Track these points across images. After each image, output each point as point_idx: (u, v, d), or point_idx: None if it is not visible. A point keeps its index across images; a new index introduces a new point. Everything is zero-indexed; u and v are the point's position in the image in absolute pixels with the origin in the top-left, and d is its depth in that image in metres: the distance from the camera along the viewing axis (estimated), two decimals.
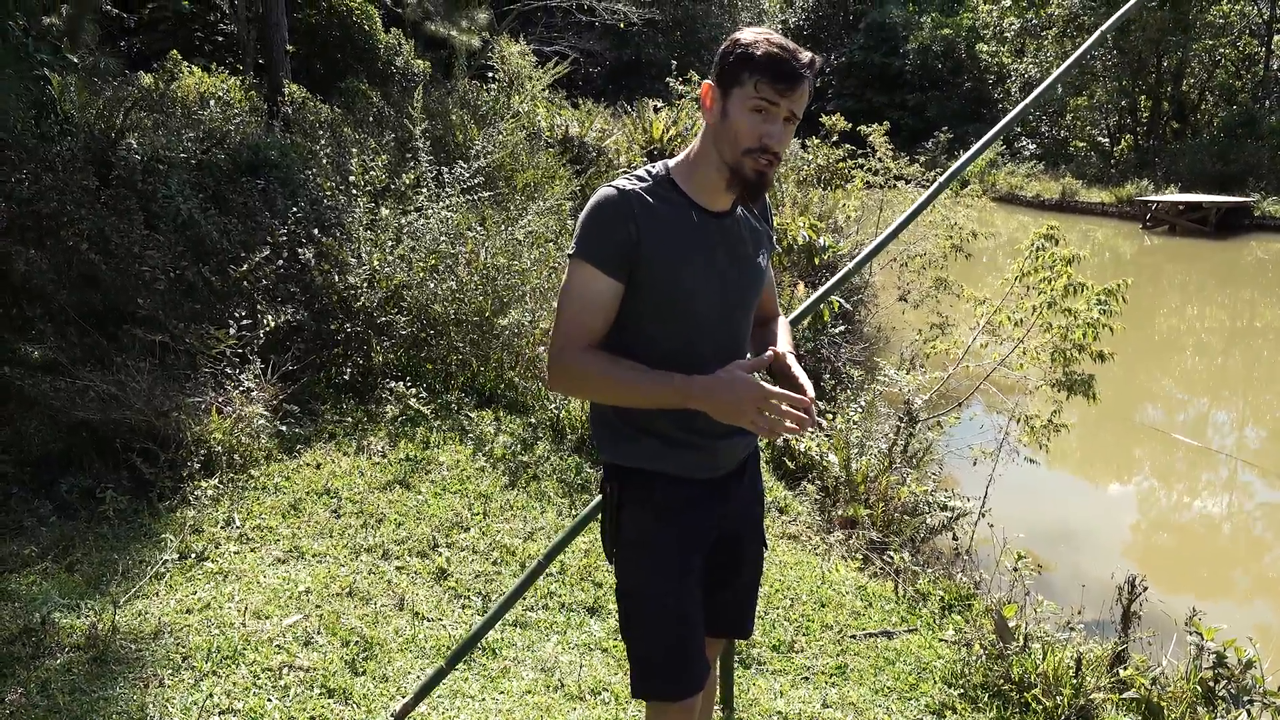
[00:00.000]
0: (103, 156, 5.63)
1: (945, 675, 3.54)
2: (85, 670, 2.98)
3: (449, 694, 3.11)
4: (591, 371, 1.92)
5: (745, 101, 1.90)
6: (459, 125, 9.88)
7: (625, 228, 1.93)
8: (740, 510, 2.22)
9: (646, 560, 2.09)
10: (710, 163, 1.98)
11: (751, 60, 1.90)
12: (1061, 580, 5.26)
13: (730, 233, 2.05)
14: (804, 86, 1.91)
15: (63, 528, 3.94)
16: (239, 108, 9.02)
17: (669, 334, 1.99)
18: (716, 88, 1.96)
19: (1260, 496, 7.79)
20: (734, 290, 2.05)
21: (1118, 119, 30.54)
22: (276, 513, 4.20)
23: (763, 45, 1.90)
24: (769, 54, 1.89)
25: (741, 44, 1.92)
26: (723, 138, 1.95)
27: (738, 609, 2.30)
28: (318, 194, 6.15)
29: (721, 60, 1.96)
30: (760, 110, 1.90)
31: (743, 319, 2.12)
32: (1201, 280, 18.11)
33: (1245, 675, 3.32)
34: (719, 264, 2.02)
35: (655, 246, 1.94)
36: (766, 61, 1.89)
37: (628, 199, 1.95)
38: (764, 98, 1.89)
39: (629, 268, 1.94)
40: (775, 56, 1.89)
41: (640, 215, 1.94)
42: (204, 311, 5.18)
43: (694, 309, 1.99)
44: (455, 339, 5.86)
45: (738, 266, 2.06)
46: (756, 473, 2.29)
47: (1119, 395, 8.99)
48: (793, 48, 1.91)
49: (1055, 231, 6.02)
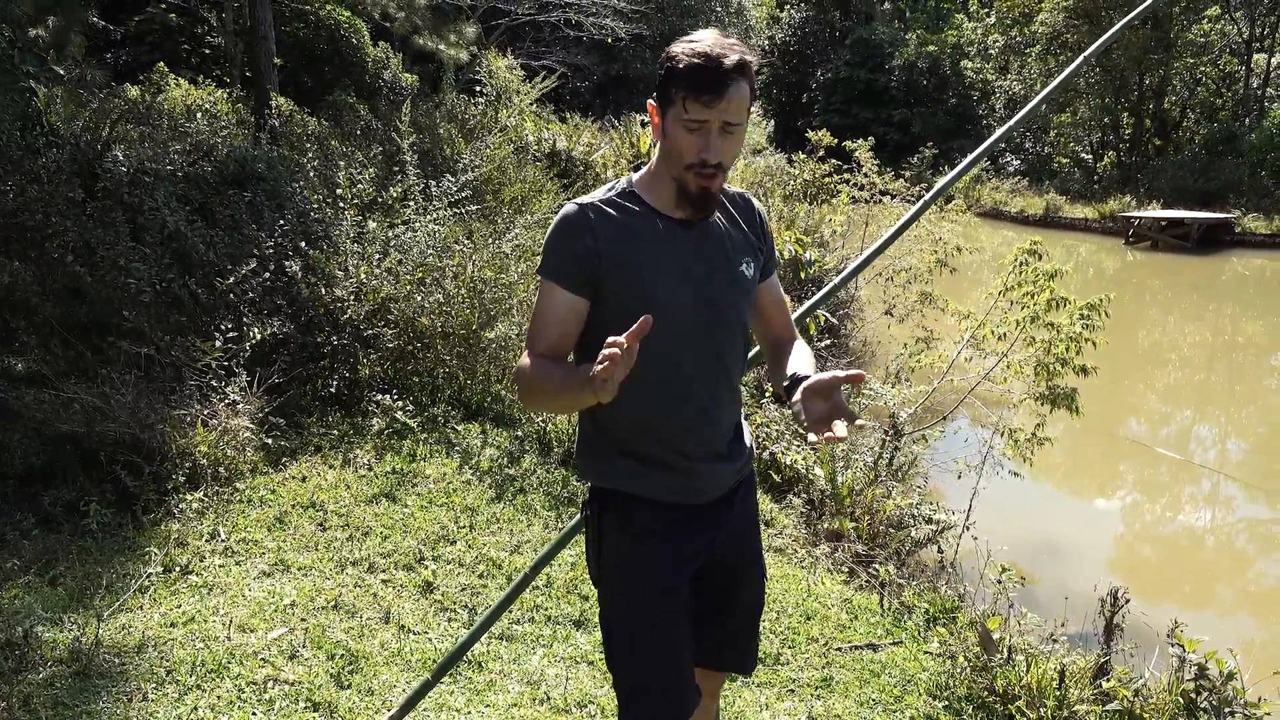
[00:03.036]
0: (89, 168, 5.62)
1: (930, 687, 3.56)
2: (69, 684, 2.96)
3: (435, 707, 3.11)
4: (533, 376, 1.89)
5: (678, 119, 1.85)
6: (447, 139, 9.91)
7: (582, 241, 1.91)
8: (731, 539, 2.13)
9: (625, 586, 2.04)
10: (664, 176, 1.96)
11: (675, 75, 1.83)
12: (1045, 593, 5.29)
13: (703, 240, 1.98)
14: (733, 93, 1.82)
15: (46, 541, 3.92)
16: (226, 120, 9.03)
17: (646, 347, 1.76)
18: (657, 105, 1.92)
19: (1242, 510, 7.85)
20: (711, 298, 1.97)
21: (1101, 136, 30.82)
22: (262, 526, 4.18)
23: (684, 58, 1.82)
24: (690, 66, 1.81)
25: (668, 58, 1.86)
26: (667, 157, 1.92)
27: (738, 642, 2.24)
28: (305, 207, 6.15)
29: (658, 80, 1.91)
30: (693, 129, 1.84)
31: (726, 333, 2.01)
32: (1183, 295, 18.27)
33: (1226, 687, 3.34)
34: (693, 272, 1.96)
35: (618, 256, 1.92)
36: (688, 75, 1.81)
37: (584, 212, 1.94)
38: (692, 116, 1.82)
39: (591, 282, 1.92)
40: (696, 68, 1.80)
41: (599, 227, 1.92)
42: (190, 324, 5.17)
43: (668, 318, 1.88)
44: (442, 352, 5.86)
45: (715, 275, 1.98)
46: (750, 500, 2.21)
47: (1102, 409, 9.05)
48: (716, 54, 1.81)
49: (1039, 246, 6.08)
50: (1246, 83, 28.18)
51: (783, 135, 32.01)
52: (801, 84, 41.35)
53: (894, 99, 36.74)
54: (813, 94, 39.91)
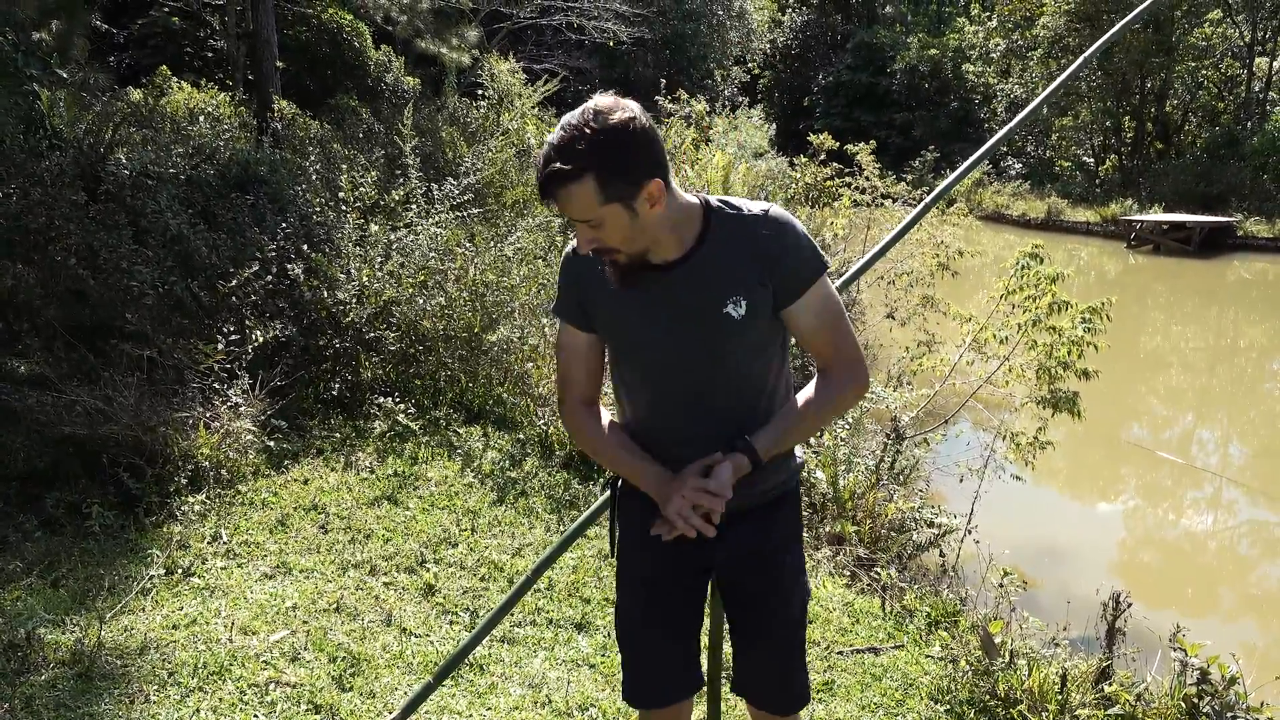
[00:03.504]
0: (91, 171, 5.64)
1: (931, 691, 3.56)
2: (71, 686, 2.97)
3: (436, 710, 3.11)
4: (583, 433, 2.09)
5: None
6: (449, 142, 9.92)
7: (573, 283, 2.04)
8: (740, 559, 2.08)
9: (619, 570, 2.21)
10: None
11: None
12: (1047, 597, 5.29)
13: (682, 281, 1.89)
14: (564, 197, 1.75)
15: (48, 543, 3.92)
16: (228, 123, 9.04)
17: (639, 382, 2.02)
18: None
19: (1244, 514, 7.84)
20: (683, 342, 1.92)
21: (1102, 139, 30.82)
22: (264, 528, 4.19)
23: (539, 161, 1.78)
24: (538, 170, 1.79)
25: None
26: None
27: (764, 675, 2.16)
28: (307, 210, 6.16)
29: None
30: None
31: (705, 372, 1.94)
32: (1185, 299, 18.26)
33: (1229, 691, 3.34)
34: (661, 315, 1.92)
35: (595, 298, 2.00)
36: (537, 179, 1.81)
37: (571, 257, 2.05)
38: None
39: (587, 319, 2.04)
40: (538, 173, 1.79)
41: (580, 270, 2.02)
42: (192, 326, 5.18)
43: (647, 360, 1.98)
44: (444, 355, 5.87)
45: (686, 317, 1.91)
46: (774, 525, 2.10)
47: (1104, 413, 9.05)
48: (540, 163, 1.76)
49: (1040, 250, 6.07)
50: (1248, 86, 28.18)
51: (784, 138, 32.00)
52: (803, 87, 41.40)
53: (895, 102, 36.77)
54: (814, 97, 39.94)
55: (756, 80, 42.21)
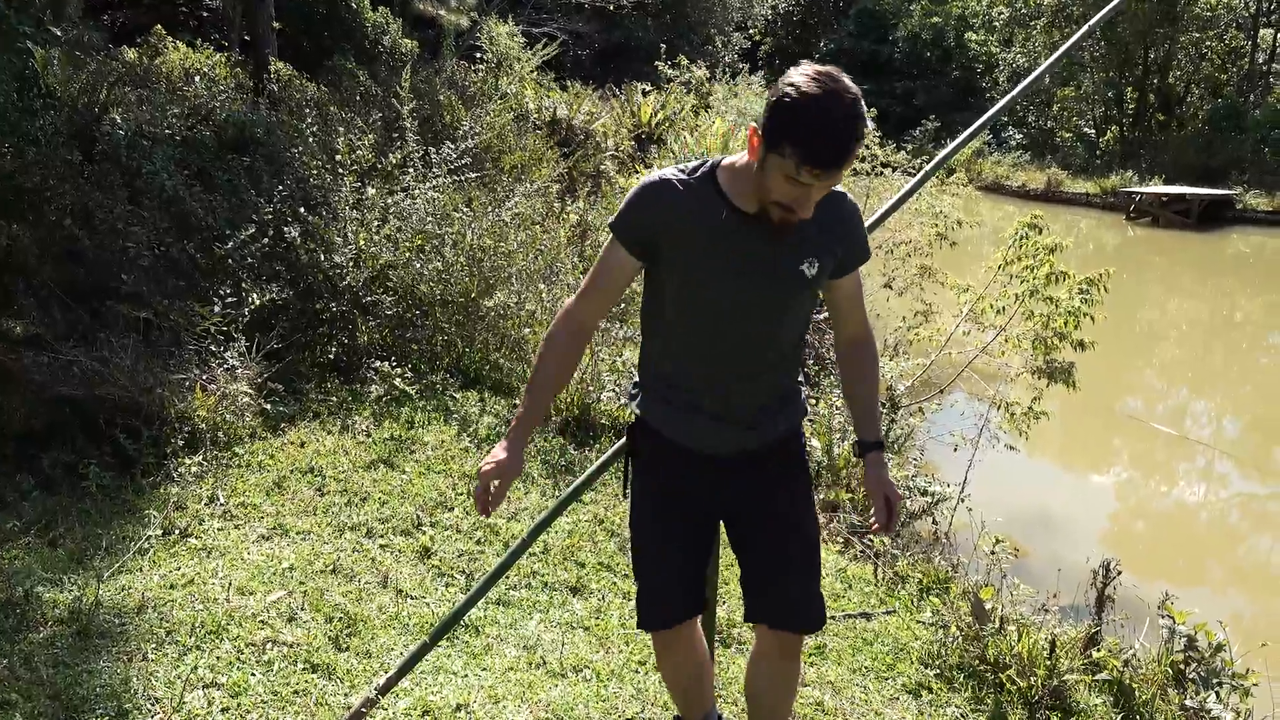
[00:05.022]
0: (86, 131, 5.60)
1: (922, 656, 3.60)
2: (69, 644, 2.99)
3: (431, 670, 3.14)
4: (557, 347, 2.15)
5: (782, 169, 1.83)
6: (447, 106, 9.85)
7: (650, 211, 2.04)
8: (747, 495, 2.25)
9: (634, 504, 2.30)
10: (748, 181, 1.98)
11: (794, 135, 1.79)
12: (1038, 565, 5.33)
13: (767, 234, 1.98)
14: (847, 163, 1.82)
15: (45, 503, 3.94)
16: (224, 84, 8.94)
17: (687, 324, 2.10)
18: (761, 138, 1.87)
19: (1235, 486, 7.90)
20: (757, 292, 2.05)
21: (1104, 110, 30.64)
22: (260, 490, 4.20)
23: (809, 122, 1.77)
24: (814, 139, 1.77)
25: (791, 107, 1.79)
26: (757, 182, 1.92)
27: (791, 596, 2.26)
28: (304, 172, 6.13)
29: (769, 112, 1.84)
30: (793, 185, 1.84)
31: (768, 325, 2.10)
32: (1183, 272, 18.25)
33: (1215, 658, 3.39)
34: (745, 266, 2.02)
35: (679, 236, 2.03)
36: (808, 146, 1.78)
37: (662, 185, 2.04)
38: (799, 180, 1.82)
39: (650, 251, 2.07)
40: (819, 143, 1.77)
41: (671, 203, 2.02)
42: (188, 288, 5.17)
43: (709, 303, 2.06)
44: (441, 320, 5.86)
45: (767, 270, 2.03)
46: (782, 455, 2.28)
47: (1099, 384, 9.07)
48: (843, 130, 1.77)
49: (1039, 220, 6.06)
50: (1252, 58, 28.01)
51: None
52: (805, 54, 40.86)
53: (897, 71, 36.51)
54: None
55: (757, 47, 41.82)
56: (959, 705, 3.32)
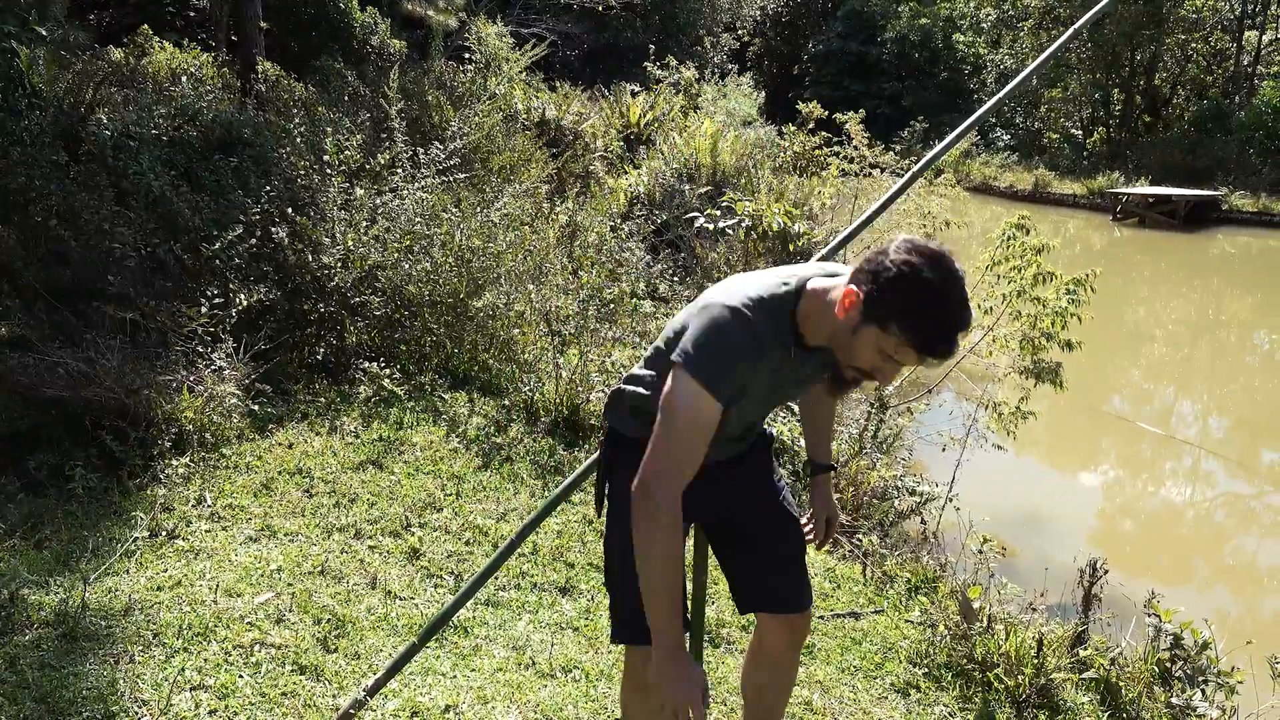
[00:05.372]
0: (72, 131, 5.58)
1: (910, 655, 3.61)
2: (55, 646, 2.98)
3: (420, 671, 3.13)
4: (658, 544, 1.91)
5: (879, 343, 1.81)
6: (435, 106, 9.83)
7: (750, 365, 1.94)
8: (736, 493, 2.34)
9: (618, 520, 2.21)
10: (821, 329, 1.95)
11: (908, 321, 1.75)
12: (1026, 564, 5.35)
13: (810, 362, 2.06)
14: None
15: (31, 505, 3.92)
16: (211, 85, 8.91)
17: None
18: (861, 305, 1.80)
19: (1222, 486, 7.94)
20: (784, 397, 2.25)
21: (1091, 111, 30.79)
22: (248, 492, 4.19)
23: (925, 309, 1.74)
24: (930, 327, 1.75)
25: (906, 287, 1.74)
26: (840, 343, 1.90)
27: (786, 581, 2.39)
28: (291, 173, 6.11)
29: (879, 287, 1.77)
30: (887, 360, 1.84)
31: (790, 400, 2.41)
32: (1169, 272, 18.35)
33: (1201, 656, 3.41)
34: (787, 384, 2.14)
35: (760, 376, 2.00)
36: (923, 334, 1.76)
37: (759, 339, 1.93)
38: (899, 358, 1.81)
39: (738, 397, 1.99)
40: (936, 336, 1.75)
41: (764, 353, 1.95)
42: (175, 289, 5.15)
43: (749, 406, 2.09)
44: (429, 320, 5.85)
45: (801, 385, 2.22)
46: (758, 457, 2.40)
47: (1086, 384, 9.11)
48: (957, 317, 1.74)
49: (1026, 221, 6.08)
50: (1237, 60, 28.19)
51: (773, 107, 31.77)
52: (793, 55, 41.14)
53: (885, 72, 36.63)
54: (804, 66, 39.72)
55: (746, 48, 41.90)
56: (947, 704, 3.34)
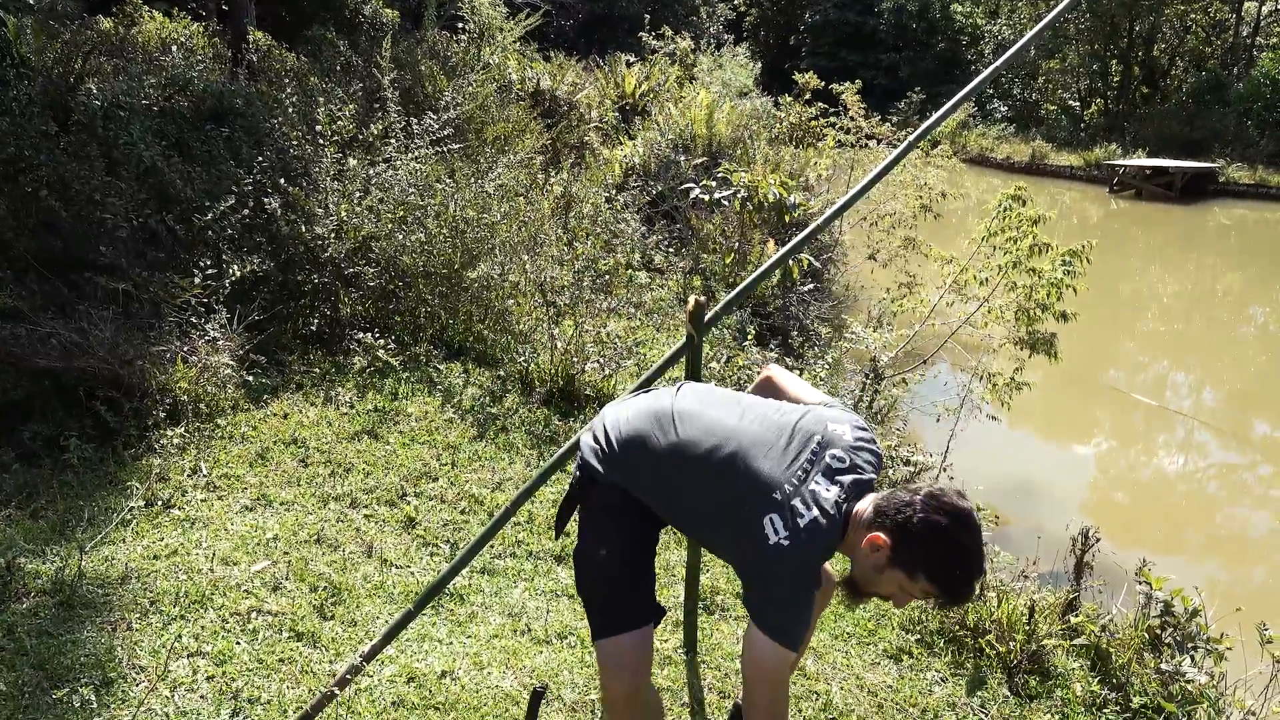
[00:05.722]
0: (61, 101, 5.52)
1: (903, 622, 3.63)
2: (53, 614, 2.99)
3: (417, 638, 3.15)
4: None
5: (905, 586, 1.98)
6: (428, 76, 9.75)
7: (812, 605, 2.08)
8: None
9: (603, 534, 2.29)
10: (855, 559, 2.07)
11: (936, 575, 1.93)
12: (1019, 533, 5.39)
13: None
14: None
15: (26, 475, 3.92)
16: (202, 54, 8.81)
17: None
18: (891, 553, 1.96)
19: (1214, 456, 7.99)
20: None
21: (1089, 83, 30.62)
22: (244, 461, 4.19)
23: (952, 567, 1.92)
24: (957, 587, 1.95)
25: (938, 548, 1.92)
26: (864, 575, 2.04)
27: None
28: (284, 143, 6.06)
29: (906, 538, 1.94)
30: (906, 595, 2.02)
31: None
32: (1165, 244, 18.34)
33: (1190, 623, 3.44)
34: None
35: None
36: (950, 591, 1.96)
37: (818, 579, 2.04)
38: (920, 599, 2.02)
39: None
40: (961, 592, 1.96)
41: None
42: (168, 260, 5.12)
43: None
44: (424, 291, 5.83)
45: None
46: None
47: (1081, 355, 9.14)
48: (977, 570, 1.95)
49: (1023, 192, 6.07)
50: (1236, 31, 28.02)
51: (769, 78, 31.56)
52: (789, 26, 40.76)
53: (882, 43, 36.30)
54: (800, 36, 39.36)
55: (742, 18, 41.55)
56: (939, 669, 3.37)
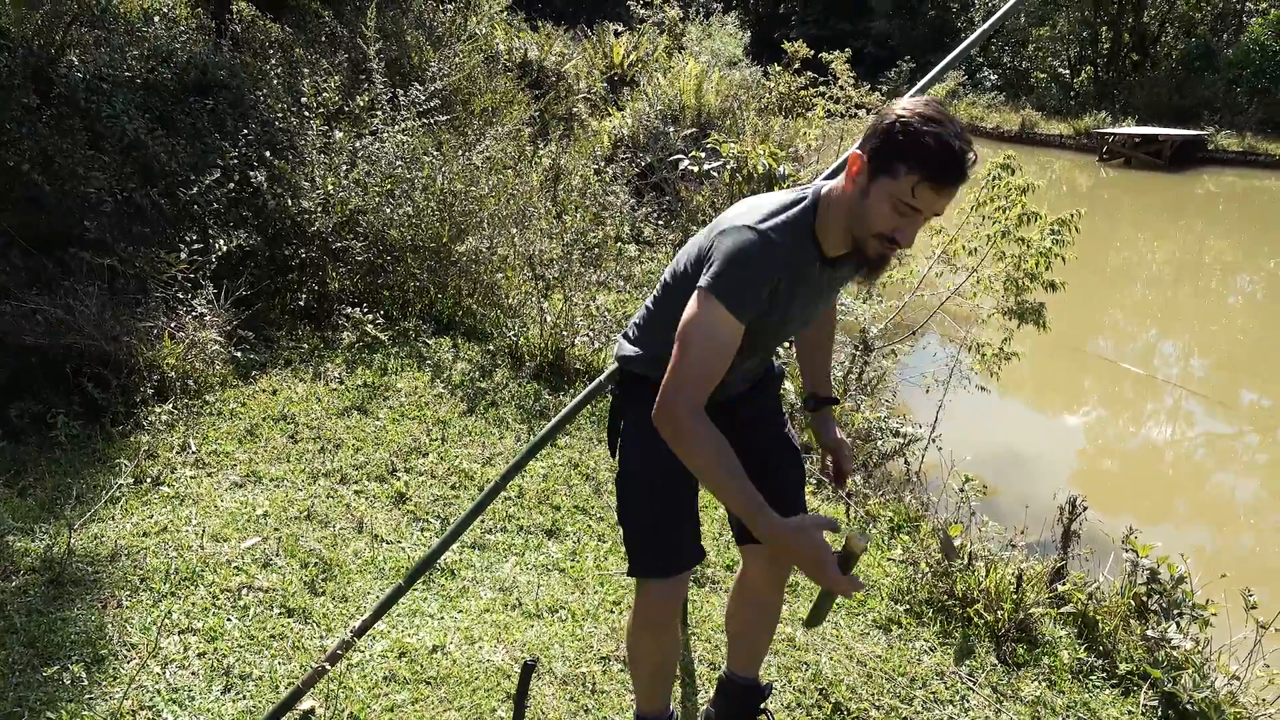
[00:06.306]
0: (43, 73, 5.43)
1: (892, 592, 3.66)
2: (42, 592, 2.99)
3: (408, 613, 3.16)
4: (699, 448, 1.87)
5: (892, 195, 1.81)
6: (414, 47, 9.63)
7: (770, 283, 1.93)
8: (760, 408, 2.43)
9: (640, 448, 2.21)
10: (839, 225, 1.95)
11: (913, 155, 1.77)
12: (1007, 503, 5.42)
13: (833, 276, 2.10)
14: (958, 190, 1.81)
15: (14, 452, 3.91)
16: (185, 25, 8.69)
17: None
18: (866, 163, 1.85)
19: (1202, 425, 8.03)
20: (806, 318, 2.22)
21: (1079, 50, 30.49)
22: (233, 438, 4.19)
23: (931, 141, 1.76)
24: (937, 156, 1.76)
25: (907, 130, 1.78)
26: (855, 214, 1.89)
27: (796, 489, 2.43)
28: (269, 116, 6.00)
29: (880, 138, 1.82)
30: (903, 212, 1.82)
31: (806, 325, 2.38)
32: (1154, 213, 18.35)
33: (1176, 590, 3.47)
34: (811, 302, 2.13)
35: (782, 294, 1.98)
36: (931, 163, 1.77)
37: (776, 256, 1.92)
38: (913, 202, 1.80)
39: (760, 313, 1.96)
40: (943, 161, 1.77)
41: (783, 270, 1.94)
42: (153, 235, 5.08)
43: (769, 327, 2.05)
44: (412, 265, 5.81)
45: (823, 302, 2.23)
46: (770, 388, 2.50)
47: (1070, 325, 9.16)
48: (962, 150, 1.78)
49: (1012, 161, 6.05)
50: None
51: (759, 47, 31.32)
52: None
53: (872, 11, 36.07)
54: (790, 4, 39.09)
55: None
56: (928, 639, 3.39)
